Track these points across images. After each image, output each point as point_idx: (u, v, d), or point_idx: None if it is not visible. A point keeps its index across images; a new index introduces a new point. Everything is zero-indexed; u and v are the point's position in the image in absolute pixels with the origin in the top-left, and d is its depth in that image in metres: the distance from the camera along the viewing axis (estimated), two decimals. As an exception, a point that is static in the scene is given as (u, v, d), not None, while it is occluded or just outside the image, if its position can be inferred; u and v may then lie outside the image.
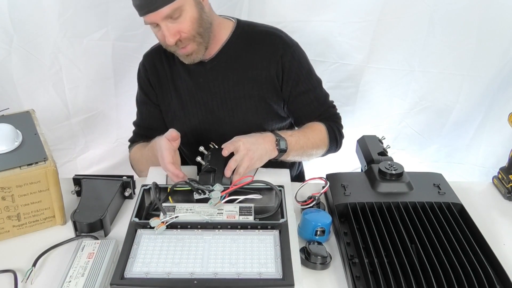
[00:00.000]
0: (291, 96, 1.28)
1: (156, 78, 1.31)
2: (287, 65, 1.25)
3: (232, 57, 1.25)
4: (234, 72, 1.25)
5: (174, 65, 1.29)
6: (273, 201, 1.05)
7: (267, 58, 1.24)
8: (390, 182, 1.12)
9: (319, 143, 1.27)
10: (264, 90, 1.26)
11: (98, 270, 0.87)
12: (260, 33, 1.27)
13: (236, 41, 1.25)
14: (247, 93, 1.26)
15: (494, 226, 1.09)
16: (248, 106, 1.27)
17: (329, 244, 1.01)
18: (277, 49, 1.24)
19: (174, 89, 1.29)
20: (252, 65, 1.25)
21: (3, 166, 0.97)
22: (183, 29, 1.11)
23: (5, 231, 1.01)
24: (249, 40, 1.26)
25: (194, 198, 1.02)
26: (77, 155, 1.90)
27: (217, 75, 1.26)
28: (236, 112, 1.27)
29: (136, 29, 1.62)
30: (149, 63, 1.31)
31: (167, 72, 1.29)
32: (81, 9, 1.55)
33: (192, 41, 1.14)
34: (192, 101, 1.28)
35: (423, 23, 1.60)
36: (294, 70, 1.26)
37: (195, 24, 1.12)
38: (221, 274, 0.83)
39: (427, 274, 0.86)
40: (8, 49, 1.56)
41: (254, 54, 1.25)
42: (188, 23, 1.11)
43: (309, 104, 1.30)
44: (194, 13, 1.11)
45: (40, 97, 1.68)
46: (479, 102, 1.74)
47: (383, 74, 1.74)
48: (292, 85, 1.27)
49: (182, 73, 1.28)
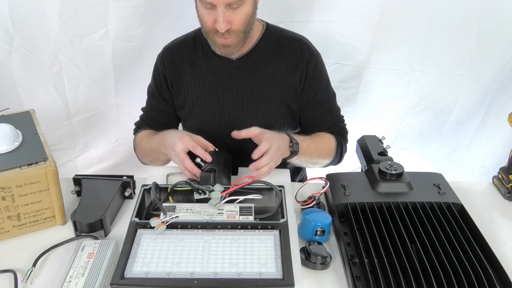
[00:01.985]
0: (308, 104, 1.30)
1: (174, 73, 1.29)
2: (310, 73, 1.27)
3: (260, 58, 1.26)
4: (259, 74, 1.26)
5: (196, 60, 1.28)
6: (273, 201, 1.05)
7: (293, 63, 1.26)
8: (390, 182, 1.12)
9: (326, 153, 1.29)
10: (286, 95, 1.27)
11: (98, 270, 0.87)
12: (287, 38, 1.29)
13: (265, 43, 1.26)
14: (269, 96, 1.27)
15: (494, 226, 1.09)
16: (268, 109, 1.27)
17: (329, 244, 1.01)
18: (303, 56, 1.26)
19: (194, 85, 1.28)
20: (277, 69, 1.26)
21: (3, 166, 0.97)
22: (235, 21, 1.12)
23: (5, 231, 1.01)
24: (277, 44, 1.27)
25: (194, 198, 1.02)
26: (77, 155, 1.90)
27: (242, 75, 1.26)
28: (255, 113, 1.27)
29: (136, 29, 1.62)
30: (168, 58, 1.30)
31: (187, 67, 1.28)
32: (81, 9, 1.55)
33: (236, 35, 1.15)
34: (211, 98, 1.28)
35: (423, 23, 1.60)
36: (316, 80, 1.28)
37: (246, 21, 1.14)
38: (221, 274, 0.83)
39: (427, 274, 0.86)
40: (9, 49, 1.56)
41: (281, 58, 1.26)
42: (242, 17, 1.12)
43: (322, 115, 1.32)
44: (249, 10, 1.13)
45: (40, 97, 1.68)
46: (479, 102, 1.74)
47: (383, 74, 1.74)
48: (311, 94, 1.29)
49: (204, 69, 1.27)
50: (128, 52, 1.67)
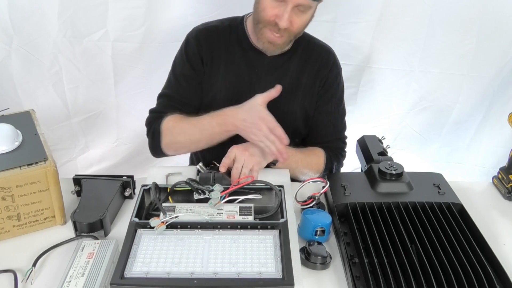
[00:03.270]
0: (316, 111, 1.32)
1: (210, 54, 1.27)
2: (329, 81, 1.29)
3: (291, 60, 1.28)
4: (288, 74, 1.27)
5: (231, 48, 1.27)
6: (273, 201, 1.05)
7: (317, 70, 1.28)
8: (390, 182, 1.12)
9: (313, 167, 1.27)
10: (306, 100, 1.29)
11: (98, 270, 0.87)
12: (317, 45, 1.32)
13: (297, 47, 1.28)
14: (292, 98, 1.28)
15: (494, 226, 1.09)
16: (288, 110, 1.29)
17: (329, 244, 1.01)
18: (327, 65, 1.29)
19: (225, 72, 1.27)
20: (303, 73, 1.28)
21: (3, 166, 0.97)
22: (296, 24, 1.13)
23: (5, 231, 1.01)
24: (306, 49, 1.29)
25: (194, 198, 1.02)
26: (77, 155, 1.90)
27: (272, 72, 1.27)
28: (276, 112, 1.26)
29: (136, 29, 1.62)
30: (205, 38, 1.27)
31: (222, 52, 1.27)
32: (81, 9, 1.55)
33: (288, 37, 1.17)
34: (238, 87, 1.27)
35: (423, 23, 1.60)
36: (331, 90, 1.30)
37: (302, 28, 1.17)
38: (221, 273, 0.83)
39: (427, 274, 0.86)
40: (8, 49, 1.56)
41: (308, 64, 1.28)
42: (302, 22, 1.15)
43: (325, 126, 1.33)
44: (309, 19, 1.16)
45: (40, 97, 1.68)
46: (479, 102, 1.74)
47: (383, 74, 1.74)
48: (323, 101, 1.31)
49: (238, 59, 1.27)
50: (128, 53, 1.67)
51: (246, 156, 1.09)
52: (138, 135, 1.83)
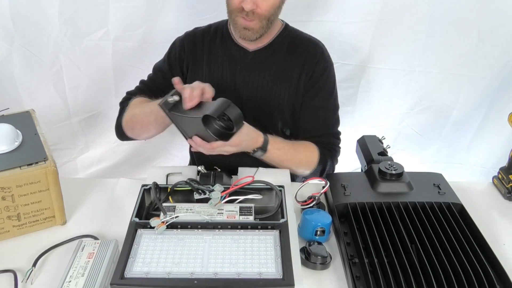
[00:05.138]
0: (303, 107, 1.30)
1: (193, 58, 1.31)
2: (315, 75, 1.27)
3: (275, 54, 1.27)
4: (272, 69, 1.27)
5: (214, 47, 1.30)
6: (273, 201, 1.05)
7: (303, 63, 1.27)
8: (390, 182, 1.12)
9: (303, 165, 1.25)
10: (292, 94, 1.28)
11: (98, 270, 0.87)
12: (304, 39, 1.31)
13: (281, 41, 1.28)
14: (277, 93, 1.27)
15: (494, 226, 1.09)
16: (275, 105, 1.28)
17: (329, 244, 1.01)
18: (314, 57, 1.27)
19: (208, 72, 1.30)
20: (288, 67, 1.27)
21: (3, 166, 0.97)
22: (262, 5, 1.14)
23: (5, 231, 1.01)
24: (293, 43, 1.28)
25: (194, 198, 1.02)
26: (77, 155, 1.90)
27: (255, 67, 1.27)
28: (262, 107, 1.28)
29: (136, 29, 1.62)
30: (190, 42, 1.32)
31: (205, 55, 1.30)
32: (81, 9, 1.55)
33: (260, 21, 1.17)
34: (222, 87, 1.28)
35: (423, 23, 1.60)
36: (318, 84, 1.28)
37: (272, 9, 1.16)
38: (221, 274, 0.83)
39: (427, 274, 0.86)
40: (9, 49, 1.56)
41: (293, 57, 1.27)
42: (270, 3, 1.15)
43: (315, 121, 1.30)
44: (277, 1, 1.16)
45: (40, 97, 1.68)
46: (479, 102, 1.74)
47: (383, 74, 1.74)
48: (309, 96, 1.29)
49: (220, 58, 1.29)
50: (128, 52, 1.67)
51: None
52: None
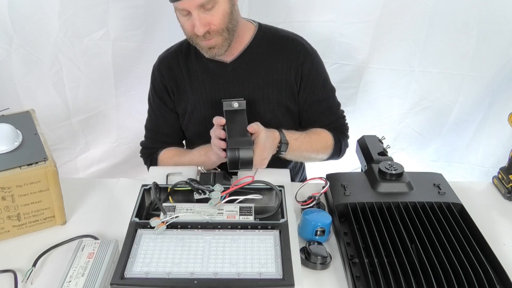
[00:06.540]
0: (306, 103, 1.30)
1: (174, 82, 1.29)
2: (306, 72, 1.26)
3: (254, 60, 1.25)
4: (255, 75, 1.25)
5: (192, 66, 1.28)
6: (273, 201, 1.05)
7: (288, 63, 1.25)
8: (390, 182, 1.12)
9: (321, 150, 1.29)
10: (283, 95, 1.27)
11: (98, 270, 0.87)
12: (282, 38, 1.28)
13: (258, 44, 1.26)
14: (266, 97, 1.26)
15: (494, 226, 1.09)
16: (266, 109, 1.27)
17: (329, 244, 1.01)
18: (298, 56, 1.26)
19: (191, 91, 1.28)
20: (273, 69, 1.25)
21: (3, 166, 0.97)
22: (214, 22, 1.11)
23: (5, 231, 1.01)
24: (271, 44, 1.26)
25: (194, 198, 1.02)
26: (77, 155, 1.90)
27: (237, 77, 1.26)
28: (253, 114, 1.26)
29: (136, 29, 1.62)
30: (165, 67, 1.30)
31: (184, 74, 1.28)
32: (81, 9, 1.55)
33: (219, 35, 1.14)
34: (209, 102, 1.27)
35: (423, 23, 1.60)
36: (312, 78, 1.27)
37: (225, 18, 1.13)
38: (221, 274, 0.83)
39: (427, 274, 0.86)
40: (9, 49, 1.56)
41: (275, 59, 1.25)
42: (220, 16, 1.11)
43: (321, 113, 1.32)
44: (226, 8, 1.12)
45: (40, 97, 1.68)
46: (479, 102, 1.74)
47: (383, 74, 1.74)
48: (308, 93, 1.28)
49: (200, 75, 1.27)
50: (128, 52, 1.67)
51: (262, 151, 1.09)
52: (138, 135, 1.81)
